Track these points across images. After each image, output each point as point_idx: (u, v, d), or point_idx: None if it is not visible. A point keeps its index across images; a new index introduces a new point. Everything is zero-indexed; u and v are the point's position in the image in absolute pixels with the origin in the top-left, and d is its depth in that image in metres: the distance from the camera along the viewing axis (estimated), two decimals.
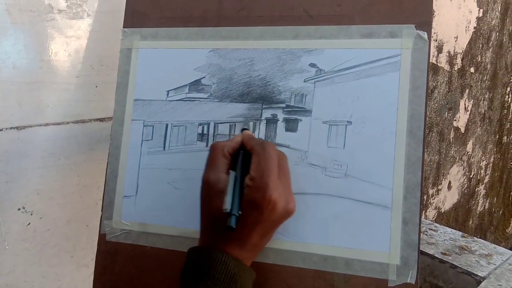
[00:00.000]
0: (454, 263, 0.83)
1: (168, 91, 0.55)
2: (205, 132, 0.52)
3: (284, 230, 0.47)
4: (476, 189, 1.92)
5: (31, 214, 0.60)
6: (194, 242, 0.45)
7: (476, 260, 0.84)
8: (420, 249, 0.87)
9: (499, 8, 1.73)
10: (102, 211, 0.55)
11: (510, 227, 2.41)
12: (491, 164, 2.01)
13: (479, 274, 0.79)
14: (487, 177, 2.00)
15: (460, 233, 0.95)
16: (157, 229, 0.52)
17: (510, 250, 0.90)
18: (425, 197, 1.51)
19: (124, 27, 0.57)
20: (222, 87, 0.52)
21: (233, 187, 0.40)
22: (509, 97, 2.02)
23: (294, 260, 0.47)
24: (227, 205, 0.38)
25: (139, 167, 0.54)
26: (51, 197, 0.61)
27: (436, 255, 0.86)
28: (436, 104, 1.45)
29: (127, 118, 0.55)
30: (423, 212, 1.54)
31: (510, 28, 1.87)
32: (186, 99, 0.54)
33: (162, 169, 0.53)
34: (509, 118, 2.07)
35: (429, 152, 1.48)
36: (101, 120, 0.65)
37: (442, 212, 1.66)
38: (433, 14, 1.30)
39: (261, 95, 0.51)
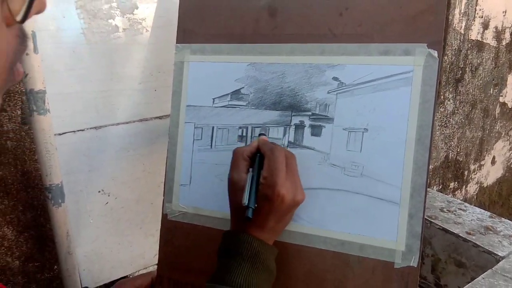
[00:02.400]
0: (477, 242, 0.90)
1: (213, 98, 0.65)
2: (244, 134, 0.63)
3: (309, 218, 0.58)
4: None
5: (109, 196, 0.75)
6: None
7: (498, 241, 0.90)
8: (447, 228, 0.95)
9: None
10: (164, 195, 0.68)
11: None
12: None
13: (499, 254, 0.85)
14: None
15: (488, 213, 1.00)
16: (207, 212, 0.65)
17: None
18: (465, 172, 1.53)
19: (176, 42, 0.67)
20: (258, 96, 0.62)
21: (249, 185, 0.50)
22: None
23: (316, 242, 0.58)
24: (245, 199, 0.49)
25: (192, 161, 0.66)
26: (123, 181, 0.76)
27: (460, 234, 0.92)
28: (481, 81, 1.44)
29: (181, 121, 0.67)
30: (464, 186, 1.57)
31: None
32: (229, 106, 0.64)
33: (210, 164, 0.65)
34: None
35: (472, 129, 1.49)
36: (160, 118, 0.77)
37: (485, 186, 1.67)
38: (443, 32, 1.28)
39: (290, 104, 0.60)
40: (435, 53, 0.53)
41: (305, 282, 0.58)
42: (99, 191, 0.73)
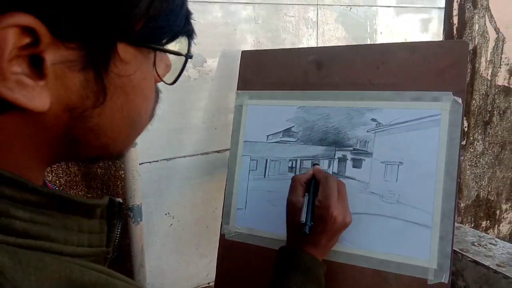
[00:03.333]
0: (507, 274, 0.94)
1: (267, 135, 0.77)
2: (293, 165, 0.74)
3: (352, 239, 0.67)
4: None
5: (173, 218, 0.86)
6: (284, 243, 0.66)
7: None
8: (477, 260, 1.01)
9: None
10: (222, 218, 0.79)
11: None
12: None
13: None
14: None
15: None
16: (259, 233, 0.75)
17: None
18: (497, 211, 1.57)
19: (237, 89, 0.81)
20: (306, 133, 0.73)
21: (306, 206, 0.61)
22: None
23: (358, 260, 0.66)
24: (303, 218, 0.59)
25: (247, 188, 0.77)
26: (185, 206, 0.87)
27: (491, 266, 0.97)
28: (509, 124, 1.50)
29: (239, 154, 0.79)
30: (496, 226, 1.59)
31: None
32: (281, 141, 0.76)
33: (263, 191, 0.76)
34: None
35: (502, 169, 1.54)
36: (218, 152, 0.90)
37: None
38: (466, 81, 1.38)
39: (335, 140, 0.71)
40: (459, 100, 0.63)
41: None
42: (165, 214, 0.85)
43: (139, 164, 0.76)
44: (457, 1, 1.27)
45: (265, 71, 0.79)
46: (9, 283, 0.24)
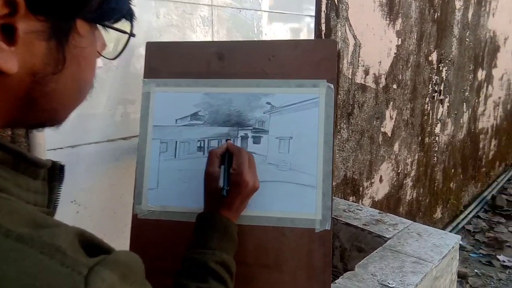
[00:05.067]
0: (371, 230, 1.19)
1: (176, 119, 0.85)
2: (202, 145, 0.83)
3: (254, 204, 0.79)
4: (404, 182, 2.34)
5: (79, 205, 0.87)
6: (196, 215, 0.74)
7: (386, 228, 1.20)
8: (348, 222, 1.23)
9: (415, 36, 2.16)
10: (134, 199, 0.83)
11: (436, 213, 2.87)
12: (416, 161, 2.45)
13: (386, 236, 1.15)
14: (413, 171, 2.43)
15: (378, 211, 1.32)
16: (172, 209, 0.82)
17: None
18: (360, 188, 1.89)
19: (144, 77, 0.86)
20: (212, 116, 0.83)
21: (223, 174, 0.71)
22: (428, 106, 2.47)
23: (260, 221, 0.78)
24: (221, 183, 0.69)
25: (159, 169, 0.84)
26: (92, 193, 0.89)
27: (359, 226, 1.21)
28: (366, 115, 1.83)
29: (148, 138, 0.85)
30: (360, 200, 1.92)
31: (426, 51, 2.31)
32: (189, 124, 0.84)
33: (174, 170, 0.83)
34: (429, 123, 2.53)
35: (362, 153, 1.86)
36: (124, 139, 0.93)
37: (376, 200, 2.05)
38: (338, 73, 1.67)
39: (237, 121, 0.82)
40: (332, 86, 0.81)
41: (254, 253, 0.78)
42: (71, 201, 0.86)
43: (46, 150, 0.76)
44: (324, 11, 1.51)
45: (170, 61, 0.86)
46: None
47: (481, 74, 3.15)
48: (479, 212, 3.30)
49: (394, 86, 2.04)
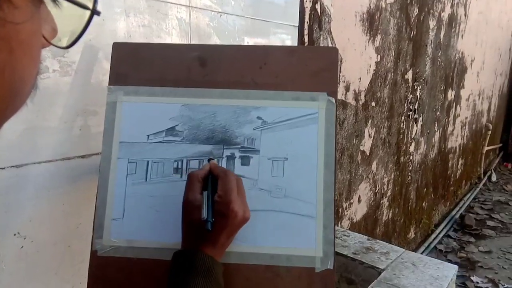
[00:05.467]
0: (362, 260, 1.08)
1: (148, 135, 0.71)
2: (179, 166, 0.69)
3: (242, 237, 0.65)
4: (381, 202, 2.28)
5: (24, 239, 0.70)
6: (172, 252, 0.60)
7: (378, 257, 1.09)
8: (336, 250, 1.11)
9: (393, 53, 2.13)
10: (93, 232, 0.68)
11: (410, 233, 2.83)
12: (392, 180, 2.40)
13: (380, 267, 1.04)
14: (389, 191, 2.38)
15: (366, 237, 1.21)
16: (142, 244, 0.67)
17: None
18: (339, 209, 1.79)
19: (109, 84, 0.72)
20: (192, 132, 0.70)
21: (206, 203, 0.57)
22: (403, 124, 2.44)
23: (249, 259, 0.65)
24: (204, 214, 0.56)
25: (125, 195, 0.69)
26: (41, 223, 0.72)
27: (348, 255, 1.10)
28: (346, 133, 1.75)
29: (113, 157, 0.70)
30: (339, 222, 1.82)
31: (402, 69, 2.29)
32: (164, 141, 0.70)
33: (145, 196, 0.69)
34: (404, 142, 2.50)
35: (342, 172, 1.77)
36: (82, 157, 0.78)
37: (354, 222, 1.96)
38: (338, 83, 1.60)
39: (222, 139, 0.69)
40: (333, 100, 0.70)
41: None
42: (14, 234, 0.69)
43: None
44: (307, 22, 1.43)
45: (142, 65, 0.73)
46: None
47: (450, 94, 3.20)
48: (449, 231, 3.31)
49: (373, 104, 1.99)
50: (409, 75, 2.39)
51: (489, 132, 4.48)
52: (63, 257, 0.77)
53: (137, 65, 0.72)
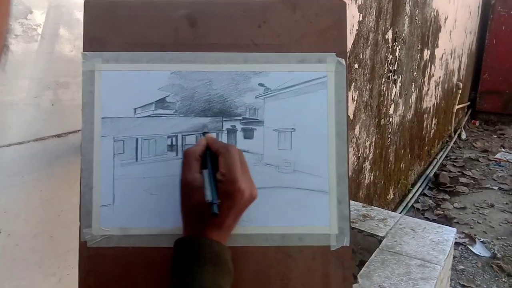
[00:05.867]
0: (361, 228, 1.05)
1: (135, 108, 0.62)
2: (174, 143, 0.61)
3: (249, 218, 0.59)
4: (363, 165, 2.27)
5: (0, 232, 0.61)
6: (172, 238, 0.54)
7: (376, 224, 1.07)
8: None
9: (374, 12, 2.05)
10: (80, 221, 0.60)
11: (389, 194, 2.88)
12: (373, 143, 2.39)
13: (380, 234, 1.02)
14: (371, 154, 2.38)
15: (361, 204, 1.19)
16: (137, 231, 0.60)
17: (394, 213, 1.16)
18: None
19: (84, 51, 0.61)
20: (186, 104, 0.62)
21: (209, 183, 0.50)
22: (384, 86, 2.41)
23: (258, 240, 0.60)
24: (208, 196, 0.49)
25: (114, 178, 0.61)
26: (17, 213, 0.63)
27: None
28: None
29: (96, 135, 0.61)
30: None
31: (383, 28, 2.22)
32: (153, 115, 0.61)
33: (136, 178, 0.61)
34: (384, 104, 2.48)
35: None
36: (58, 136, 0.68)
37: None
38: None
39: (220, 110, 0.62)
40: (343, 61, 0.63)
41: (252, 282, 0.59)
42: None
43: None
44: None
45: (121, 27, 0.62)
46: None
47: (426, 54, 3.19)
48: (425, 190, 3.40)
49: (356, 66, 1.93)
50: (389, 35, 2.33)
51: (460, 91, 4.57)
52: (46, 249, 0.69)
53: (116, 27, 0.62)
